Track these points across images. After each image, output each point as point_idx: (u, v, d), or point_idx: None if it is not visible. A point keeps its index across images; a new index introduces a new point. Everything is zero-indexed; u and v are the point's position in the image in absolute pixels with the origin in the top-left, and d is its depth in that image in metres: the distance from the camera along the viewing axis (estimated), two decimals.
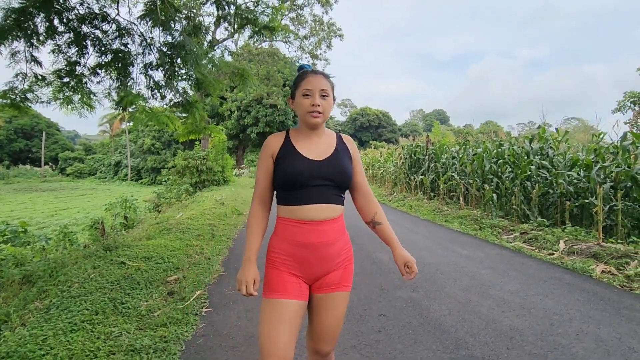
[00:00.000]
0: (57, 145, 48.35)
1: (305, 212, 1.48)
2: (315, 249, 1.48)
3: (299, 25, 17.20)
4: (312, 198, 1.48)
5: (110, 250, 4.86)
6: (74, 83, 5.67)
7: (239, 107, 29.81)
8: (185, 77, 6.09)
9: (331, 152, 1.55)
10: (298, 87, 1.54)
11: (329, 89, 1.53)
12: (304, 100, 1.51)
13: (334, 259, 1.52)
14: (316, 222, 1.48)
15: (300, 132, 1.60)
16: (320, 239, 1.48)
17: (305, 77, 1.53)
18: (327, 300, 1.53)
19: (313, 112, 1.50)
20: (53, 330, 2.72)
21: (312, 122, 1.52)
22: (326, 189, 1.50)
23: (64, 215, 19.07)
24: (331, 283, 1.53)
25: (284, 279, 1.49)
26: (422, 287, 3.82)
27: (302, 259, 1.49)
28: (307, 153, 1.53)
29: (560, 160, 7.12)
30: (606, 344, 2.63)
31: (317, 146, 1.56)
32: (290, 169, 1.49)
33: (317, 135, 1.59)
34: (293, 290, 1.48)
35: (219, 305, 3.41)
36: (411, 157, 12.40)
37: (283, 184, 1.51)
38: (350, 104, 74.37)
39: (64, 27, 5.41)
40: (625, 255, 4.65)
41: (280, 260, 1.52)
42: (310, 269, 1.51)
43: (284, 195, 1.53)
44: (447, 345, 2.63)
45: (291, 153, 1.52)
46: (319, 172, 1.49)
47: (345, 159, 1.58)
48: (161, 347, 2.58)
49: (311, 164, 1.50)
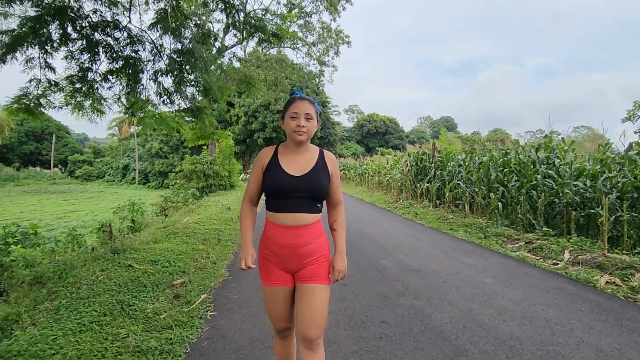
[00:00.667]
0: (67, 148, 49.00)
1: (283, 219, 1.81)
2: (291, 248, 1.81)
3: (307, 32, 17.36)
4: (290, 207, 1.79)
5: (117, 253, 4.95)
6: (86, 89, 5.80)
7: (246, 112, 30.06)
8: (194, 83, 6.20)
9: (310, 169, 1.83)
10: (287, 110, 1.83)
11: (313, 113, 1.82)
12: (291, 121, 1.80)
13: (307, 257, 1.83)
14: (292, 227, 1.80)
15: (287, 147, 1.89)
16: (295, 241, 1.80)
17: (293, 102, 1.83)
18: (305, 290, 1.82)
19: (298, 131, 1.79)
20: (62, 331, 2.80)
21: (297, 139, 1.80)
22: (303, 200, 1.80)
23: (72, 217, 19.30)
24: (306, 276, 1.83)
25: (271, 271, 1.86)
26: (425, 295, 3.85)
27: (280, 255, 1.83)
28: (289, 169, 1.82)
29: (566, 170, 7.12)
30: (606, 354, 2.65)
31: (299, 162, 1.84)
32: (273, 182, 1.80)
33: (301, 152, 1.87)
34: (278, 279, 1.85)
35: (224, 309, 3.47)
36: (417, 165, 12.41)
37: (268, 193, 1.85)
38: (358, 110, 74.51)
39: (77, 35, 5.54)
40: (631, 266, 4.63)
41: (268, 257, 1.87)
42: (288, 264, 1.84)
43: (269, 201, 1.86)
44: (447, 353, 2.66)
45: (276, 167, 1.83)
46: (297, 186, 1.79)
47: (322, 175, 1.84)
48: (167, 349, 2.64)
49: (291, 179, 1.79)
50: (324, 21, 17.23)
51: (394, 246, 6.10)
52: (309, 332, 1.77)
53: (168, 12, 5.57)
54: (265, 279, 1.88)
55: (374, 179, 17.93)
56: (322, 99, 32.24)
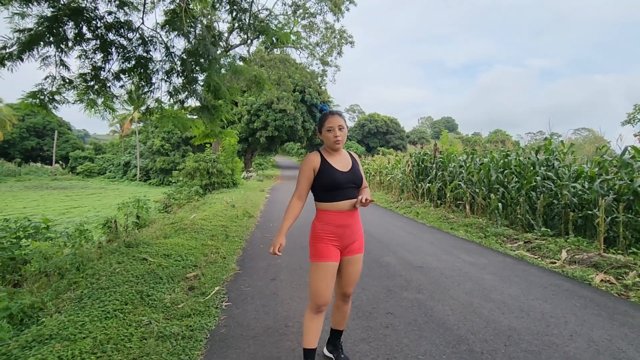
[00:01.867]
0: (68, 144, 49.14)
1: (342, 205, 2.26)
2: (349, 227, 2.28)
3: (311, 32, 17.52)
4: (346, 196, 2.27)
5: (131, 247, 5.14)
6: (98, 87, 5.96)
7: (249, 111, 30.21)
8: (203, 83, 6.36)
9: (351, 165, 2.35)
10: (323, 125, 2.31)
11: (343, 124, 2.30)
12: (329, 134, 2.29)
13: (357, 233, 2.34)
14: (349, 211, 2.28)
15: (328, 152, 2.35)
16: (351, 221, 2.29)
17: (327, 117, 2.30)
18: (354, 259, 2.35)
19: (336, 141, 2.27)
20: (89, 317, 2.99)
21: (336, 147, 2.31)
22: (352, 190, 2.30)
23: (75, 213, 19.47)
24: (355, 249, 2.34)
25: (329, 249, 2.26)
26: (427, 289, 4.04)
27: (341, 234, 2.27)
28: (339, 167, 2.30)
29: (565, 172, 7.30)
30: (597, 344, 2.84)
31: (342, 162, 2.34)
32: (332, 178, 2.25)
33: (339, 154, 2.37)
34: (335, 256, 2.28)
35: (238, 300, 3.66)
36: (419, 165, 12.59)
37: (326, 188, 2.26)
38: (359, 110, 74.67)
39: (92, 34, 5.71)
40: (625, 265, 4.82)
41: (325, 235, 2.27)
42: (345, 240, 2.29)
43: (324, 194, 2.28)
44: (449, 341, 2.85)
45: (330, 168, 2.27)
46: (348, 179, 2.28)
47: (358, 167, 2.39)
48: (188, 335, 2.83)
49: (343, 174, 2.28)
50: (328, 21, 17.38)
51: (396, 244, 6.29)
52: (349, 289, 2.40)
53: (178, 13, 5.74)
54: (323, 256, 2.25)
55: (375, 179, 18.11)
56: (325, 98, 32.40)
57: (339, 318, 2.47)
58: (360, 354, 2.65)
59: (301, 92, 30.39)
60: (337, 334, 2.54)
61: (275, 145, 34.74)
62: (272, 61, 17.95)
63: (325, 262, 2.24)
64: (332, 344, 2.56)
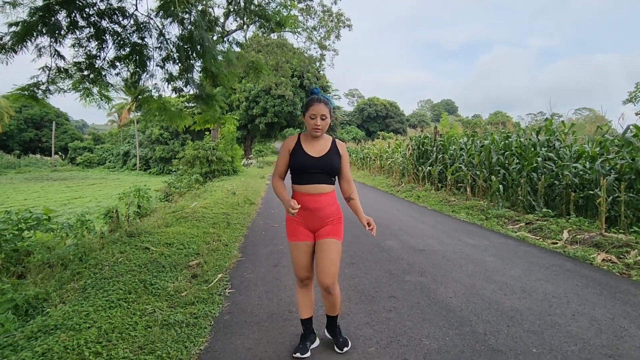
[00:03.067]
0: (67, 135, 48.95)
1: (307, 189, 2.36)
2: (313, 211, 2.36)
3: (308, 16, 17.24)
4: (312, 179, 2.35)
5: (133, 236, 5.15)
6: (94, 75, 5.88)
7: (247, 97, 30.00)
8: (200, 69, 6.27)
9: (325, 152, 2.39)
10: (307, 110, 2.35)
11: (327, 113, 2.33)
12: (310, 120, 2.34)
13: (325, 218, 2.39)
14: (314, 194, 2.35)
15: (307, 136, 2.44)
16: (316, 205, 2.35)
17: (313, 104, 2.32)
18: (323, 244, 2.38)
19: (315, 129, 2.33)
20: (93, 307, 3.00)
21: (314, 135, 2.38)
22: (319, 175, 2.36)
23: (77, 204, 19.49)
24: (324, 233, 2.39)
25: (298, 229, 2.41)
26: (430, 272, 4.05)
27: (306, 217, 2.38)
28: (311, 152, 2.37)
29: (566, 152, 7.27)
30: (599, 323, 2.86)
31: (317, 147, 2.40)
32: (299, 161, 2.35)
33: (317, 140, 2.42)
34: (302, 235, 2.41)
35: (241, 287, 3.67)
36: (419, 148, 12.54)
37: (294, 170, 2.39)
38: (358, 94, 74.17)
39: (85, 22, 5.61)
40: (627, 244, 4.83)
41: (295, 219, 2.40)
42: (310, 223, 2.40)
43: (295, 177, 2.39)
44: (452, 323, 2.87)
45: (300, 152, 2.37)
46: (316, 165, 2.34)
47: (334, 156, 2.40)
48: (192, 322, 2.85)
49: (312, 159, 2.35)
50: (325, 4, 17.09)
51: (398, 228, 6.29)
52: (326, 280, 2.34)
53: None
54: (292, 236, 2.42)
55: (375, 163, 18.08)
56: (323, 83, 32.13)
57: (328, 305, 2.49)
58: (364, 338, 2.66)
59: (299, 77, 30.11)
60: (332, 319, 2.55)
61: (274, 131, 34.60)
62: (270, 46, 17.71)
63: (295, 242, 2.41)
64: (329, 327, 2.59)
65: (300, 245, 2.40)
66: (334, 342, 2.53)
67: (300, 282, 2.49)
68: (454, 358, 2.40)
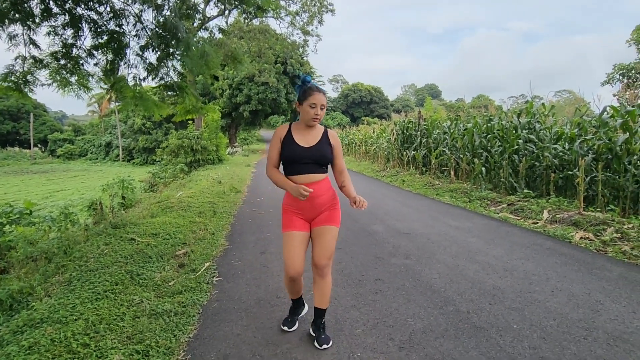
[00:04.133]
0: (46, 127, 47.64)
1: (298, 179, 2.33)
2: (310, 199, 2.32)
3: (290, 1, 17.00)
4: (303, 170, 2.33)
5: (118, 227, 5.10)
6: (71, 65, 5.73)
7: (230, 85, 29.54)
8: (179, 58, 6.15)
9: (316, 142, 2.36)
10: (307, 99, 2.29)
11: (325, 103, 2.33)
12: (310, 109, 2.29)
13: (321, 206, 2.38)
14: (307, 184, 2.30)
15: (299, 126, 2.41)
16: (312, 194, 2.28)
17: (313, 93, 2.29)
18: (320, 230, 2.38)
19: (315, 118, 2.31)
20: (79, 299, 2.99)
21: (312, 124, 2.35)
22: (311, 166, 2.34)
23: (59, 197, 19.13)
24: (322, 220, 2.39)
25: (293, 220, 2.39)
26: (414, 255, 4.13)
27: (302, 207, 2.37)
28: (300, 142, 2.34)
29: (546, 134, 7.41)
30: (577, 298, 2.97)
31: (308, 137, 2.37)
32: (290, 152, 2.32)
33: (309, 130, 2.40)
34: (299, 226, 2.38)
35: (228, 275, 3.69)
36: (403, 133, 12.62)
37: (285, 160, 2.36)
38: (342, 80, 73.82)
39: (60, 9, 5.44)
40: (603, 222, 4.99)
41: (290, 209, 2.41)
42: (308, 212, 2.39)
43: (287, 167, 2.37)
44: (436, 303, 2.95)
45: (291, 142, 2.34)
46: (306, 154, 2.32)
47: (325, 146, 2.38)
48: (180, 311, 2.86)
49: (303, 149, 2.32)
50: None
51: (384, 212, 6.37)
52: (321, 261, 2.35)
53: None
54: (287, 227, 2.39)
55: (360, 149, 18.13)
56: (307, 69, 31.80)
57: (319, 295, 2.42)
58: (351, 320, 2.72)
59: (283, 63, 29.75)
60: (320, 313, 2.47)
61: (259, 119, 34.28)
62: (252, 32, 17.45)
63: (290, 232, 2.36)
64: (315, 323, 2.50)
65: (295, 236, 2.35)
66: (316, 338, 2.46)
67: (289, 279, 2.39)
68: (438, 336, 2.48)
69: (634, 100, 6.45)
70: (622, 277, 3.41)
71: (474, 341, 2.41)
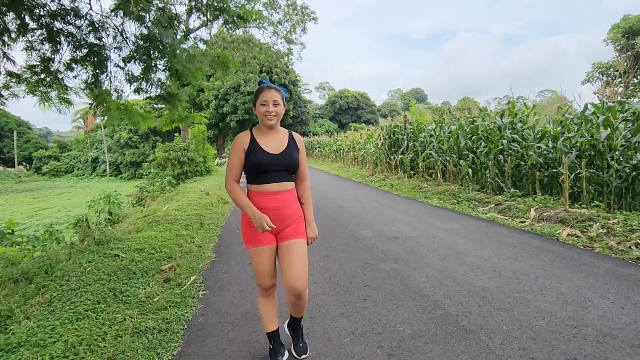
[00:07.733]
0: (30, 144, 46.90)
1: (267, 187, 2.13)
2: (276, 210, 2.13)
3: (272, 10, 17.06)
4: (272, 178, 2.13)
5: (102, 244, 4.99)
6: (50, 79, 5.64)
7: (216, 95, 29.48)
8: (164, 68, 6.09)
9: (284, 148, 2.18)
10: (257, 99, 2.15)
11: (279, 99, 2.14)
12: (261, 108, 2.12)
13: (288, 218, 2.19)
14: (276, 193, 2.14)
15: (261, 130, 2.20)
16: (278, 204, 2.14)
17: (262, 91, 2.13)
18: (289, 245, 2.18)
19: (268, 116, 2.11)
20: (59, 320, 2.89)
21: (267, 123, 2.13)
22: (280, 173, 2.15)
23: (45, 215, 18.81)
24: (288, 234, 2.19)
25: (257, 234, 2.15)
26: (403, 259, 4.10)
27: (269, 218, 2.06)
28: (268, 148, 2.14)
29: (530, 133, 7.48)
30: (565, 296, 2.96)
31: (275, 143, 2.18)
32: (258, 160, 2.10)
33: (273, 133, 2.20)
34: (264, 240, 2.17)
35: (215, 288, 3.61)
36: (390, 138, 12.66)
37: (252, 170, 2.13)
38: (329, 87, 74.08)
39: (36, 24, 5.37)
40: (589, 218, 5.03)
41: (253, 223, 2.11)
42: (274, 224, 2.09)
43: (252, 176, 2.16)
44: (425, 307, 2.91)
45: (257, 148, 2.13)
46: (276, 162, 2.13)
47: (294, 151, 2.21)
48: (164, 328, 2.78)
49: (271, 157, 2.12)
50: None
51: (372, 217, 6.34)
52: (296, 284, 2.12)
53: None
54: (251, 242, 2.19)
55: (349, 155, 18.15)
56: (292, 78, 31.88)
57: (294, 309, 2.28)
58: (340, 329, 2.67)
59: (268, 72, 29.79)
60: (296, 320, 2.38)
61: (246, 128, 34.15)
62: (235, 42, 17.45)
63: (256, 248, 2.17)
64: (291, 327, 2.43)
65: (263, 251, 2.16)
66: (293, 345, 2.39)
67: (264, 291, 2.26)
68: (427, 342, 2.44)
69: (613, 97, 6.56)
70: (609, 273, 3.42)
71: (463, 345, 2.38)
